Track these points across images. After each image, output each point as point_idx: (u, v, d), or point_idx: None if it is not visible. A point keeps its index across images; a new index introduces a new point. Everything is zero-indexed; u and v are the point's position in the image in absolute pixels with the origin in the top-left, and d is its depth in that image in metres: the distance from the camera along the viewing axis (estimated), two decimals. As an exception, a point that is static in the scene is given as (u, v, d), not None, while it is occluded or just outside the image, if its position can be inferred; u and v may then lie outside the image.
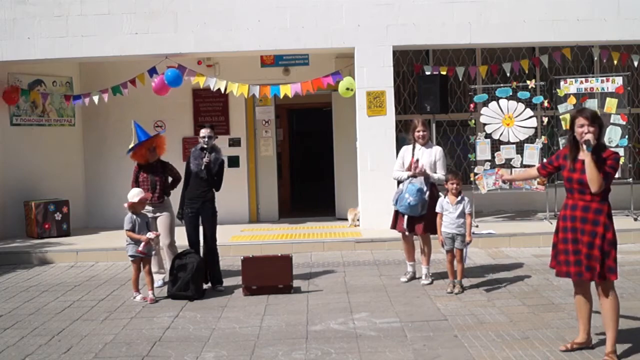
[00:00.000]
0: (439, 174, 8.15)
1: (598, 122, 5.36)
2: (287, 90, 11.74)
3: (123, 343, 6.19)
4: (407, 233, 8.25)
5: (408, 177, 8.16)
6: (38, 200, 12.05)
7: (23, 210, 12.21)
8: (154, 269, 8.36)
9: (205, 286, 8.18)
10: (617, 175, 11.06)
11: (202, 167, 8.10)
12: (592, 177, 5.21)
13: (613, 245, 5.34)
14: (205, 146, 8.21)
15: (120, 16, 11.65)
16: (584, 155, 5.27)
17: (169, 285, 7.96)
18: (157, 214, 8.50)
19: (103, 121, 13.15)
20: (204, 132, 8.28)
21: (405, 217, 8.11)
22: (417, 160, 8.11)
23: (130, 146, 8.67)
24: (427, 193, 8.01)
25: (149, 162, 8.61)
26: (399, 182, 8.36)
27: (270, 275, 7.90)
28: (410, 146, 8.36)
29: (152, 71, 11.89)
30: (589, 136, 5.25)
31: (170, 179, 8.76)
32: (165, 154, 8.86)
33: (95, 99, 12.18)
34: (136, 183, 8.56)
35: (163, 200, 8.57)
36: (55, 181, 12.65)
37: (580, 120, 5.34)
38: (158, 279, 8.51)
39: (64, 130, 13.19)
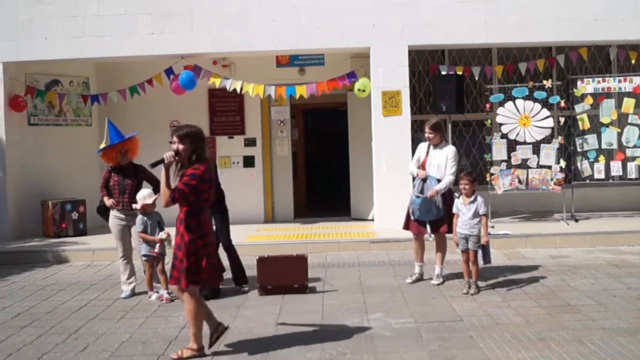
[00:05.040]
0: (446, 180, 8.04)
1: (189, 140, 5.63)
2: (303, 91, 11.78)
3: (139, 342, 6.22)
4: (430, 233, 8.26)
5: (418, 178, 8.19)
6: (55, 200, 12.16)
7: (40, 210, 12.32)
8: (123, 277, 8.22)
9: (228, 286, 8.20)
10: (634, 176, 11.18)
11: None
12: (161, 191, 5.62)
13: (182, 254, 5.58)
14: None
15: (137, 16, 11.73)
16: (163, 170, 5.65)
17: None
18: (131, 223, 8.16)
19: (119, 121, 13.06)
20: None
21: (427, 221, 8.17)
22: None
23: (101, 146, 8.54)
24: (436, 199, 8.00)
25: (120, 165, 8.30)
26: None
27: (285, 275, 7.91)
28: (426, 144, 8.36)
29: (169, 71, 11.98)
30: (167, 154, 5.59)
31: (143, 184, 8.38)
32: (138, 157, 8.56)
33: (114, 98, 12.31)
34: (106, 187, 8.28)
35: (135, 207, 8.09)
36: (72, 181, 12.72)
37: (174, 138, 5.69)
38: (127, 290, 8.17)
39: (81, 130, 13.27)
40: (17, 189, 12.14)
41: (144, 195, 7.94)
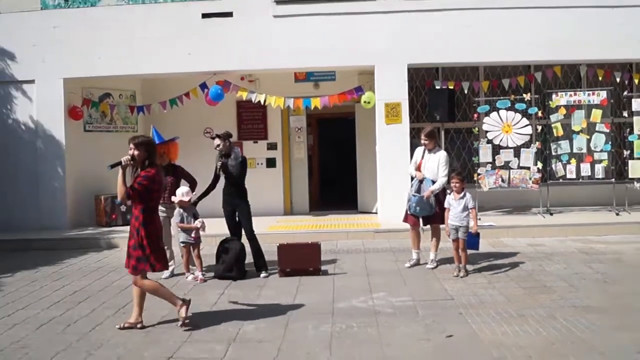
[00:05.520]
0: (439, 182, 8.03)
1: (144, 147, 5.75)
2: (317, 103, 11.78)
3: (177, 316, 6.19)
4: (422, 226, 8.27)
5: (416, 179, 8.16)
6: (106, 195, 12.20)
7: (93, 203, 12.38)
8: None
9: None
10: (601, 176, 11.11)
11: (218, 171, 8.05)
12: (118, 189, 5.71)
13: (135, 248, 5.75)
14: (223, 152, 8.02)
15: (176, 39, 11.75)
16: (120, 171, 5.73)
17: (216, 267, 8.02)
18: (171, 215, 8.15)
19: (161, 128, 13.16)
20: (215, 142, 8.03)
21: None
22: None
23: None
24: (432, 198, 7.99)
25: (161, 165, 8.09)
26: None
27: (301, 260, 7.92)
28: (422, 148, 8.34)
29: (203, 86, 12.01)
30: (124, 157, 5.69)
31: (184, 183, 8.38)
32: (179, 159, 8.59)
33: (156, 109, 12.36)
34: None
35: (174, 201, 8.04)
36: (121, 178, 12.75)
37: (130, 145, 5.76)
38: (167, 272, 8.04)
39: (128, 135, 13.06)
40: (75, 185, 12.21)
41: (182, 192, 7.95)
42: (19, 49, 12.00)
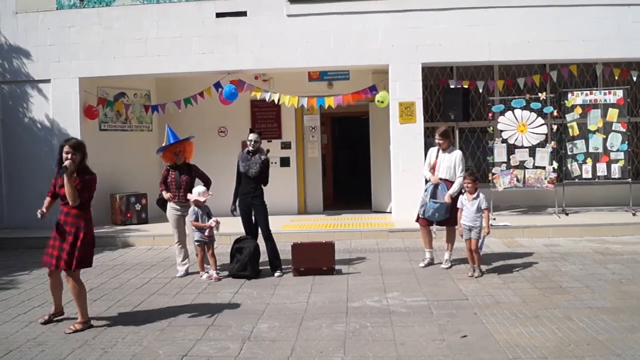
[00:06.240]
0: (457, 182, 7.98)
1: (80, 151, 5.96)
2: (331, 102, 11.78)
3: (192, 314, 6.27)
4: (435, 228, 8.23)
5: (430, 183, 8.11)
6: (121, 193, 12.28)
7: (109, 202, 12.44)
8: (178, 259, 8.26)
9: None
10: (617, 176, 11.02)
11: (246, 161, 8.00)
12: (68, 194, 5.78)
13: (88, 244, 5.92)
14: (252, 149, 8.02)
15: (190, 39, 11.79)
16: (65, 176, 5.78)
17: (230, 266, 8.04)
18: (185, 213, 8.18)
19: (175, 127, 13.23)
20: (252, 136, 8.05)
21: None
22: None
23: (162, 145, 8.60)
24: (449, 203, 7.96)
25: (176, 164, 8.30)
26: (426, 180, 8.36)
27: (315, 259, 7.90)
28: (436, 148, 8.31)
29: (217, 85, 12.04)
30: (67, 162, 5.78)
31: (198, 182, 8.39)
32: (197, 156, 8.56)
33: (171, 108, 12.40)
34: (164, 183, 8.28)
35: (188, 200, 8.10)
36: (136, 177, 12.82)
37: (66, 149, 5.88)
38: (182, 270, 8.18)
39: (143, 134, 13.37)
40: (90, 184, 12.27)
41: (199, 192, 7.97)
42: (35, 48, 12.09)
